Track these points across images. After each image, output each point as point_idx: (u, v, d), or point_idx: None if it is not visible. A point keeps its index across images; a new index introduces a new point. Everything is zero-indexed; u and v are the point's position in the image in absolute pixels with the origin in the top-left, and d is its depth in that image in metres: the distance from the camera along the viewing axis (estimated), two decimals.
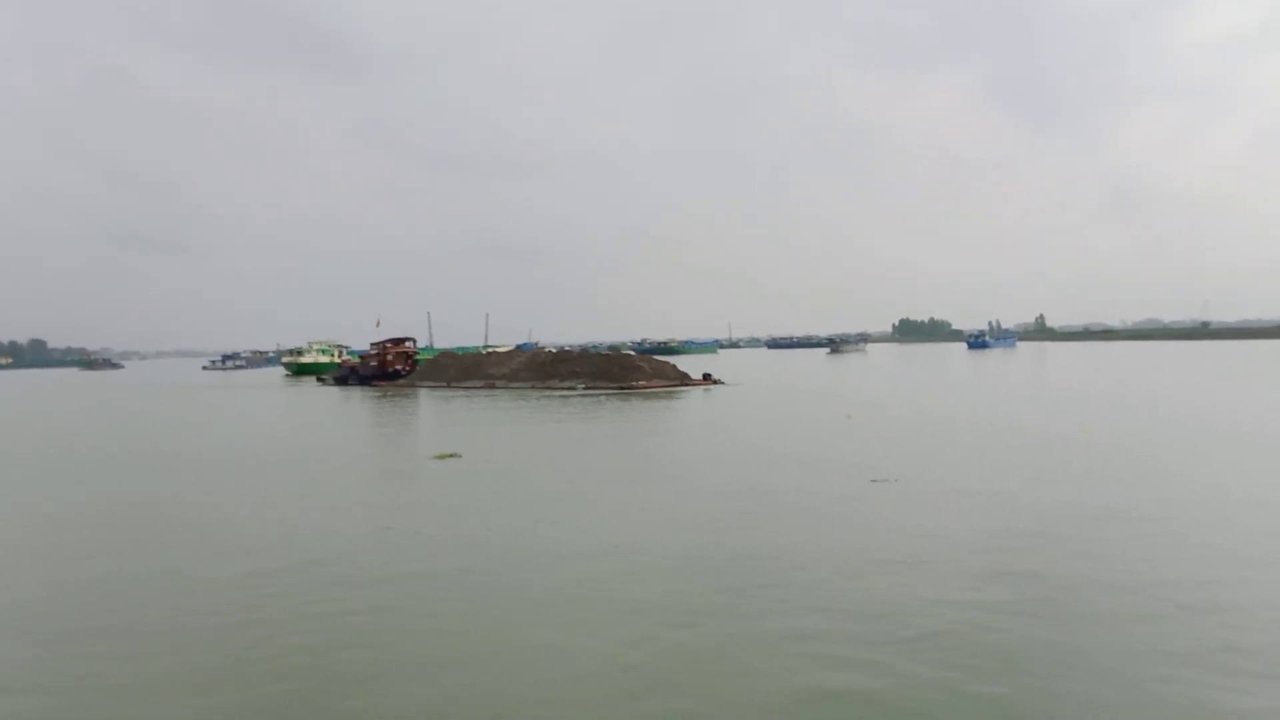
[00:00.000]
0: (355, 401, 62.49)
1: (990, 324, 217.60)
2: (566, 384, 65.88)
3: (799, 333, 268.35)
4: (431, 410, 51.89)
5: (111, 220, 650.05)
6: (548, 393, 62.26)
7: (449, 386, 74.18)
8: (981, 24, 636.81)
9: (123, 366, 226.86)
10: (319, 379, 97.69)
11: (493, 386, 70.44)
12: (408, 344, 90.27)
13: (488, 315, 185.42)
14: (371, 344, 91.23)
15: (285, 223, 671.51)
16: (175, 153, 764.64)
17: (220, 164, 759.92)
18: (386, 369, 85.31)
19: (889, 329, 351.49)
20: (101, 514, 20.23)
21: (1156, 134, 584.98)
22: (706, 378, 66.56)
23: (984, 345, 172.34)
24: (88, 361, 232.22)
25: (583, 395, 58.26)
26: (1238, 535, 15.03)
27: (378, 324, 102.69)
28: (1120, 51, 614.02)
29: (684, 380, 65.90)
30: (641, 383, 63.30)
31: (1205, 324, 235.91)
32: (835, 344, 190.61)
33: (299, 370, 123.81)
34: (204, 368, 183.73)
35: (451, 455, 28.29)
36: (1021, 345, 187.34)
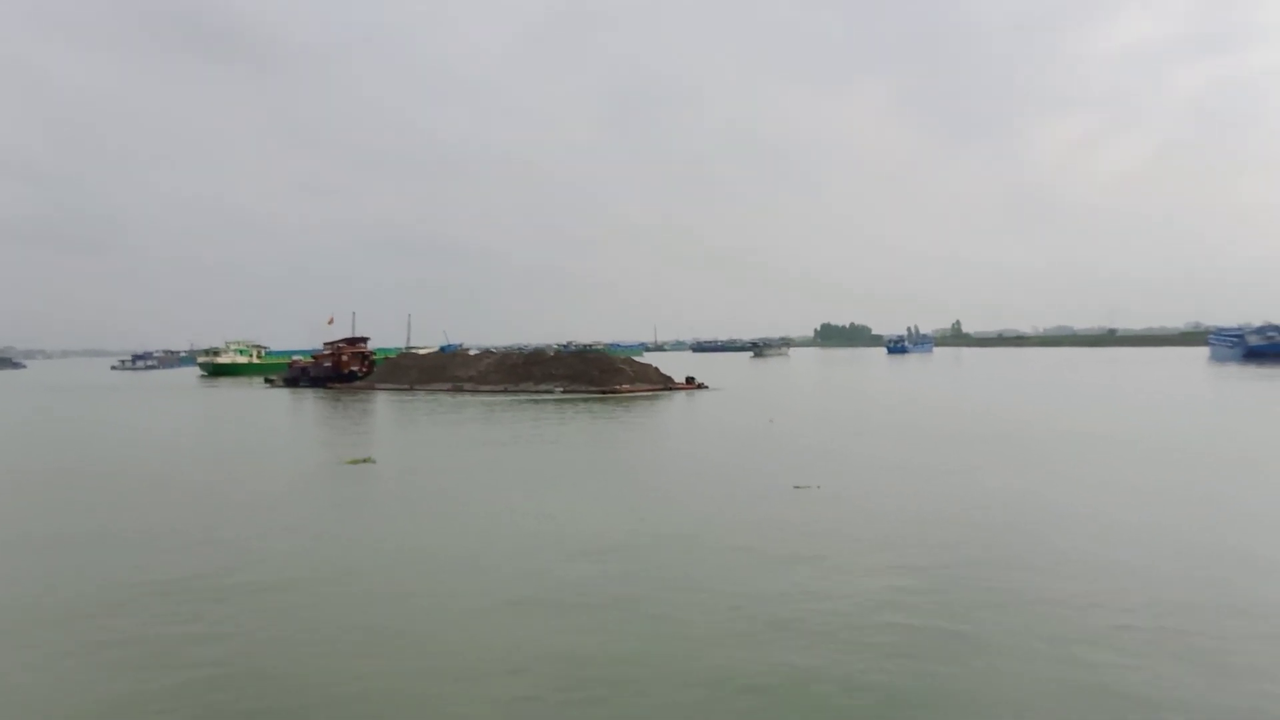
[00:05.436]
0: (302, 404, 59.58)
1: (909, 330, 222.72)
2: (542, 387, 62.33)
3: (722, 336, 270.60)
4: (379, 414, 50.02)
5: (11, 214, 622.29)
6: (520, 396, 58.94)
7: (411, 389, 69.81)
8: (896, 35, 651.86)
9: (25, 366, 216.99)
10: (266, 380, 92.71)
11: (460, 389, 66.54)
12: (362, 344, 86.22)
13: (410, 316, 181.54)
14: (325, 343, 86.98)
15: (195, 219, 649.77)
16: (78, 145, 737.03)
17: (127, 158, 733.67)
18: (341, 370, 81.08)
19: (810, 333, 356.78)
20: None
21: (1065, 144, 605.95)
22: (690, 381, 63.95)
23: (903, 350, 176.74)
24: None
25: (559, 399, 55.09)
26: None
27: (330, 322, 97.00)
28: (1031, 62, 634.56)
29: (668, 384, 62.94)
30: (624, 386, 59.86)
31: (1112, 331, 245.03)
32: (759, 348, 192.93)
33: (215, 371, 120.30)
34: (113, 367, 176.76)
35: (365, 460, 27.96)
36: (938, 350, 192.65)
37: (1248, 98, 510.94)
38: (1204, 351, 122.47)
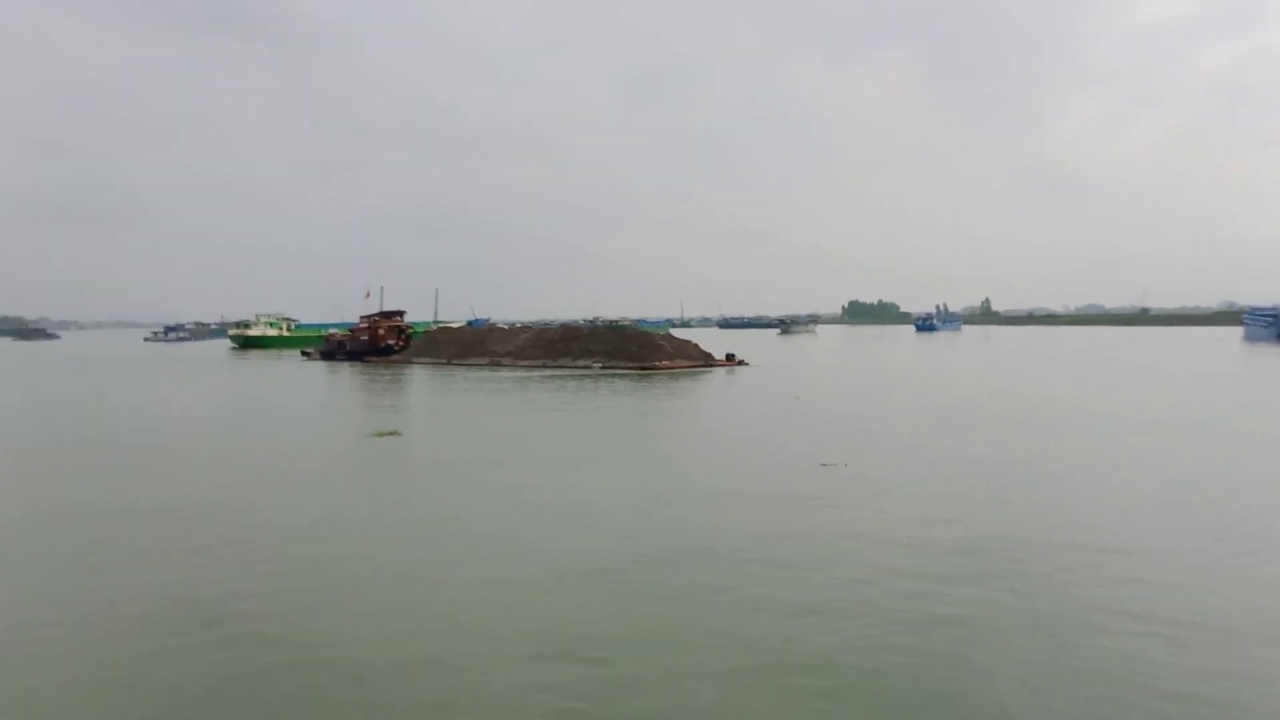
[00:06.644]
0: (338, 378, 59.85)
1: (937, 308, 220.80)
2: (580, 362, 62.04)
3: (749, 312, 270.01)
4: (415, 388, 50.13)
5: (39, 190, 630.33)
6: (559, 371, 58.69)
7: (449, 364, 69.80)
8: (918, 8, 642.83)
9: (58, 337, 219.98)
10: (303, 353, 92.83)
11: (498, 364, 66.23)
12: (399, 317, 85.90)
13: (437, 291, 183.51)
14: (361, 317, 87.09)
15: (217, 196, 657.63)
16: (101, 124, 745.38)
17: (150, 136, 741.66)
18: (378, 344, 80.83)
19: (838, 310, 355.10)
20: None
21: (1092, 120, 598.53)
22: (730, 358, 63.45)
23: (931, 328, 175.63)
24: (21, 331, 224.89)
25: (598, 375, 54.91)
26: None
27: (367, 296, 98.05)
28: (1056, 37, 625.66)
29: (708, 360, 62.36)
30: (664, 363, 59.31)
31: (1145, 310, 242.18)
32: (785, 325, 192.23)
33: (246, 343, 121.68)
34: (145, 339, 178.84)
35: (391, 433, 28.27)
36: (967, 329, 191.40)
37: (1276, 74, 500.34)
38: (1238, 331, 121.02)
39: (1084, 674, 9.10)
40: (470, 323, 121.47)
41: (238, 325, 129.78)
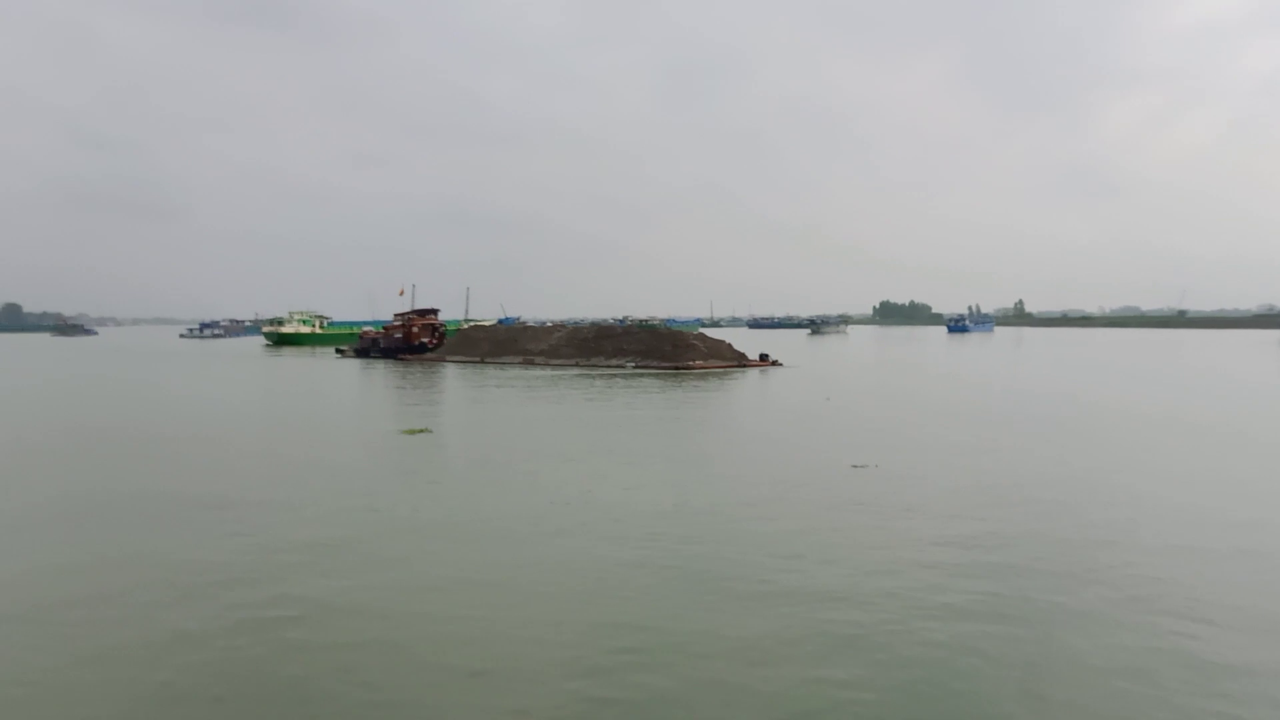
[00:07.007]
0: (372, 375, 60.02)
1: (970, 309, 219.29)
2: (614, 362, 62.28)
3: (779, 312, 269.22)
4: (447, 386, 50.22)
5: (78, 181, 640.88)
6: (592, 371, 59.10)
7: (482, 362, 69.90)
8: (959, 3, 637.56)
9: (96, 333, 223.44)
10: (338, 350, 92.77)
11: (531, 363, 66.63)
12: (433, 315, 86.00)
13: (468, 289, 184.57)
14: (395, 314, 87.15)
15: (253, 189, 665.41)
16: (141, 114, 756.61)
17: (188, 127, 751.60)
18: (412, 341, 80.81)
19: (869, 311, 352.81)
20: None
21: (1134, 119, 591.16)
22: (764, 358, 63.53)
23: (963, 330, 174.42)
24: (60, 327, 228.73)
25: (631, 375, 55.04)
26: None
27: (401, 293, 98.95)
28: (1100, 35, 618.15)
29: (741, 361, 62.46)
30: (697, 363, 59.45)
31: (1182, 313, 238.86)
32: (816, 325, 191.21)
33: (280, 340, 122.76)
34: (181, 335, 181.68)
35: (422, 431, 28.34)
36: (1000, 330, 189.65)
37: None
38: (1276, 335, 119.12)
39: (1097, 671, 9.16)
40: (501, 321, 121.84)
41: (271, 322, 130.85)
